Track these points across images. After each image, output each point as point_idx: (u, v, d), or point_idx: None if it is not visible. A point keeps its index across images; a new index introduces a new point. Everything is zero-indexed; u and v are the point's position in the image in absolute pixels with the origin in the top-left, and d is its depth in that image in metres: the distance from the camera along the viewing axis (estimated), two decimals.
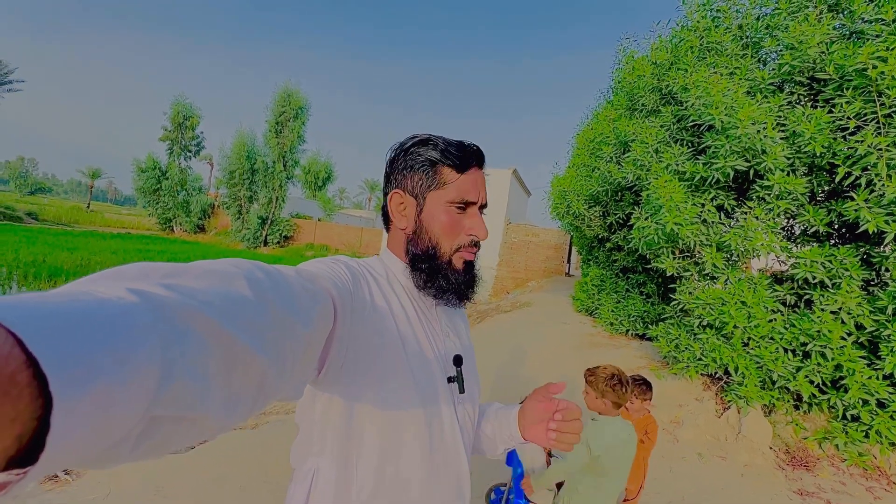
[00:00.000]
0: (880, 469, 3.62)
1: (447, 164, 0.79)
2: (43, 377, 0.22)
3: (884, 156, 3.33)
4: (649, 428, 2.48)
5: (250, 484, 2.81)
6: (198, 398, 0.32)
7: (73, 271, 11.99)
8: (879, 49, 3.30)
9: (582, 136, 7.56)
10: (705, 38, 4.74)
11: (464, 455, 0.81)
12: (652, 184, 4.34)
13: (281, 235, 25.76)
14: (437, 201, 0.79)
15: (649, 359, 5.41)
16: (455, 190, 0.79)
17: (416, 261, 0.81)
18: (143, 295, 0.31)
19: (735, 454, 3.84)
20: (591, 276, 7.84)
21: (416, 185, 0.80)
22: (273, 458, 3.13)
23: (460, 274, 0.81)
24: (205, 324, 0.34)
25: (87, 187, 48.13)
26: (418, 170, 0.80)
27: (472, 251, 0.82)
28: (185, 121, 28.52)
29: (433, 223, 0.79)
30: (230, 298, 0.39)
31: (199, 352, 0.33)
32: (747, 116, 3.66)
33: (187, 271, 0.39)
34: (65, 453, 0.24)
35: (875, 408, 3.57)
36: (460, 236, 0.80)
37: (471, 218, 0.81)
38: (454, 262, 0.81)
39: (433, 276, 0.80)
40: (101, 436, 0.26)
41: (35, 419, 0.22)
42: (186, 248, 20.75)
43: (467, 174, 0.80)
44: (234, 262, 0.45)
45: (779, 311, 4.04)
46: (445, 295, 0.80)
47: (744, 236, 3.92)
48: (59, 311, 0.25)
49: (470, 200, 0.80)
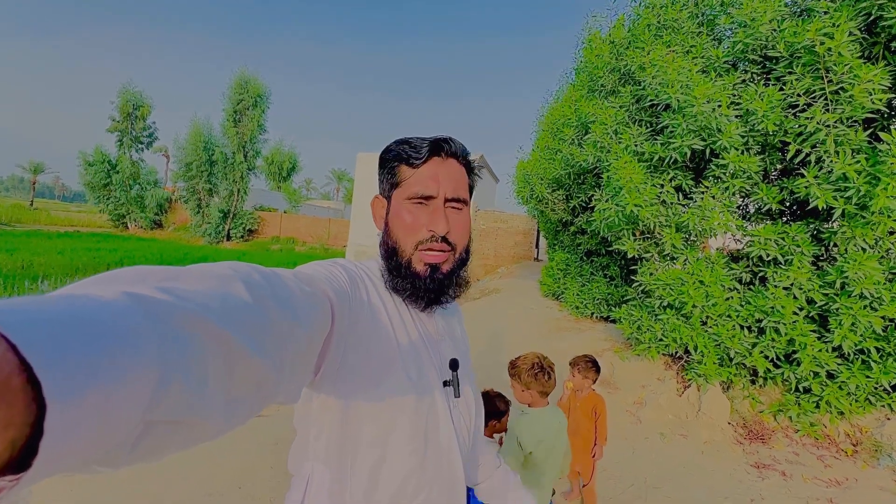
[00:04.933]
0: (830, 437, 3.75)
1: (402, 162, 0.78)
2: (36, 382, 0.22)
3: (832, 132, 3.37)
4: (597, 407, 2.44)
5: (223, 489, 2.66)
6: (196, 401, 0.32)
7: (12, 274, 11.13)
8: (826, 25, 3.31)
9: (546, 119, 7.48)
10: (662, 16, 4.69)
11: (459, 459, 0.80)
12: (612, 165, 4.29)
13: (244, 229, 24.88)
14: (398, 199, 0.78)
15: (613, 341, 5.45)
16: (410, 186, 0.77)
17: (384, 260, 0.81)
18: (140, 298, 0.30)
19: (696, 431, 3.90)
20: (556, 261, 7.85)
21: (385, 187, 0.82)
22: (248, 463, 2.97)
23: (420, 278, 0.77)
24: (202, 327, 0.34)
25: (30, 183, 44.91)
26: (384, 171, 0.81)
27: (434, 250, 0.77)
28: (135, 110, 26.95)
29: (395, 222, 0.79)
30: (228, 301, 0.38)
31: (196, 355, 0.32)
32: (702, 95, 3.63)
33: (184, 274, 0.38)
34: (59, 459, 0.23)
35: (825, 379, 3.68)
36: (420, 232, 0.77)
37: (431, 213, 0.77)
38: (414, 262, 0.77)
39: (395, 276, 0.78)
40: (97, 440, 0.25)
41: (29, 425, 0.22)
42: (142, 245, 19.68)
43: (425, 167, 0.77)
44: (232, 266, 0.45)
45: (735, 290, 4.10)
46: (410, 298, 0.78)
47: (701, 216, 3.93)
48: (54, 315, 0.24)
49: (427, 194, 0.76)
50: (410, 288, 0.78)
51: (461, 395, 0.83)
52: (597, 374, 2.49)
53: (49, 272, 11.94)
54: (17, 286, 10.39)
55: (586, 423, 2.47)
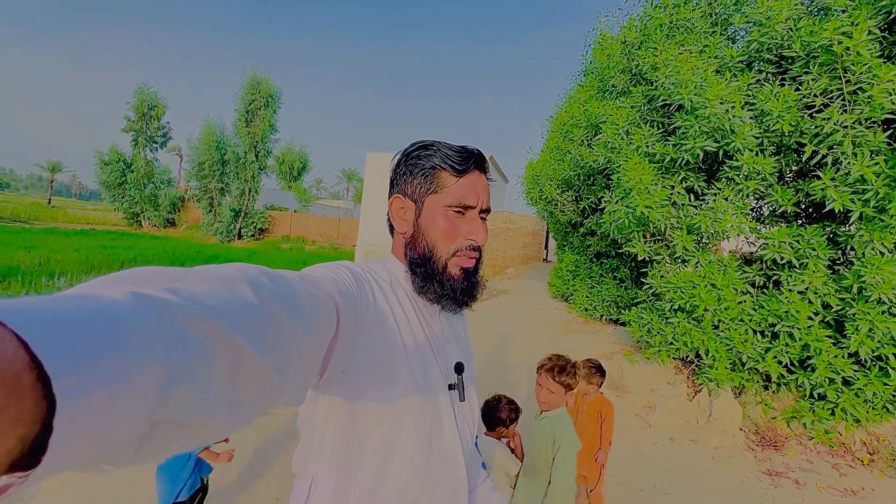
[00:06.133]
0: (845, 446, 3.67)
1: (445, 169, 0.79)
2: (47, 379, 0.22)
3: (849, 133, 3.29)
4: (604, 410, 2.42)
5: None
6: (201, 402, 0.32)
7: (30, 271, 11.37)
8: (844, 24, 3.23)
9: (556, 120, 7.44)
10: (675, 15, 4.63)
11: (462, 462, 0.81)
12: (622, 166, 4.24)
13: (255, 228, 25.12)
14: (436, 205, 0.80)
15: (622, 344, 5.39)
16: (453, 194, 0.79)
17: (414, 265, 0.81)
18: (148, 299, 0.31)
19: (706, 437, 3.84)
20: (565, 262, 7.80)
21: (415, 190, 0.81)
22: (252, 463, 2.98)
23: (456, 280, 0.80)
24: (209, 328, 0.34)
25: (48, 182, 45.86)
26: (417, 174, 0.81)
27: (470, 257, 0.81)
28: (150, 110, 27.35)
29: (430, 227, 0.80)
30: (234, 303, 0.38)
31: (203, 356, 0.33)
32: (716, 95, 3.57)
33: (192, 276, 0.39)
34: (67, 456, 0.24)
35: (841, 386, 3.60)
36: (458, 240, 0.80)
37: (470, 222, 0.80)
38: (450, 267, 0.80)
39: (428, 280, 0.80)
40: (104, 439, 0.26)
41: (38, 422, 0.22)
42: (155, 243, 19.96)
43: (466, 178, 0.80)
44: (239, 267, 0.45)
45: (748, 293, 4.03)
46: (442, 300, 0.81)
47: (713, 218, 3.87)
48: (64, 314, 0.25)
49: (468, 204, 0.79)
50: (448, 291, 0.80)
51: (465, 398, 0.84)
52: (601, 378, 2.46)
53: (66, 269, 12.19)
54: (35, 283, 10.62)
55: (592, 426, 2.44)
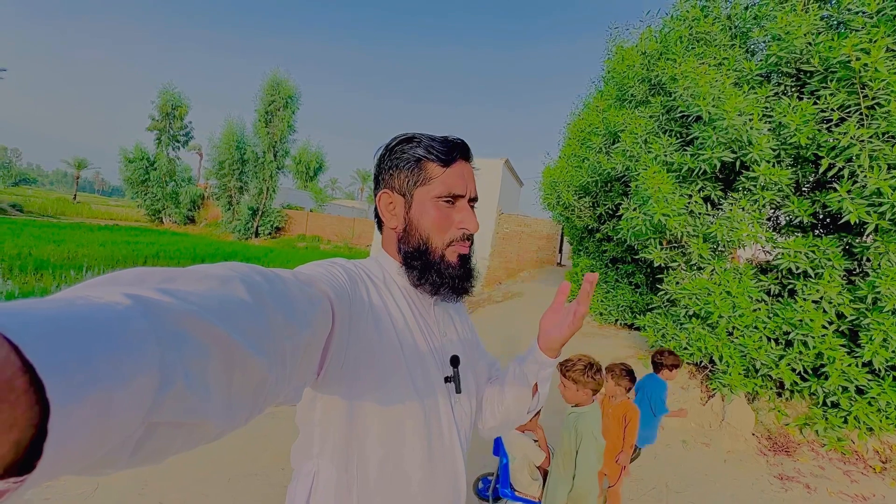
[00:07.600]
0: (858, 453, 3.72)
1: (431, 160, 0.79)
2: (40, 384, 0.22)
3: (866, 147, 3.37)
4: (629, 414, 2.52)
5: (236, 475, 2.83)
6: (197, 402, 0.32)
7: (59, 264, 11.81)
8: (863, 41, 3.32)
9: (573, 127, 7.54)
10: (694, 28, 4.73)
11: (460, 453, 0.83)
12: (640, 175, 4.35)
13: (272, 226, 25.56)
14: (425, 197, 0.79)
15: (637, 348, 5.48)
16: (442, 184, 0.79)
17: (409, 258, 0.81)
18: (140, 300, 0.30)
19: (719, 441, 3.93)
20: (581, 267, 7.89)
21: (402, 183, 0.80)
22: (258, 448, 3.14)
23: (454, 268, 0.81)
24: (203, 328, 0.34)
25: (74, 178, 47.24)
26: (404, 167, 0.80)
27: (465, 245, 0.82)
28: (174, 110, 28.01)
29: (423, 220, 0.79)
30: (228, 302, 0.39)
31: (197, 356, 0.33)
32: (734, 107, 3.67)
33: (184, 276, 0.39)
34: (62, 460, 0.24)
35: (854, 394, 3.65)
36: (451, 230, 0.80)
37: (460, 211, 0.81)
38: (447, 256, 0.80)
39: (426, 272, 0.80)
40: (100, 442, 0.26)
41: (32, 426, 0.22)
42: (176, 239, 20.48)
43: (453, 168, 0.80)
44: (232, 266, 0.45)
45: (763, 301, 4.11)
46: (441, 290, 0.81)
47: (730, 227, 3.96)
48: (56, 317, 0.25)
49: (457, 194, 0.80)
50: (447, 279, 0.80)
51: (462, 389, 0.84)
52: (631, 383, 2.55)
53: (92, 263, 12.63)
54: (65, 276, 11.06)
55: (616, 428, 2.54)
